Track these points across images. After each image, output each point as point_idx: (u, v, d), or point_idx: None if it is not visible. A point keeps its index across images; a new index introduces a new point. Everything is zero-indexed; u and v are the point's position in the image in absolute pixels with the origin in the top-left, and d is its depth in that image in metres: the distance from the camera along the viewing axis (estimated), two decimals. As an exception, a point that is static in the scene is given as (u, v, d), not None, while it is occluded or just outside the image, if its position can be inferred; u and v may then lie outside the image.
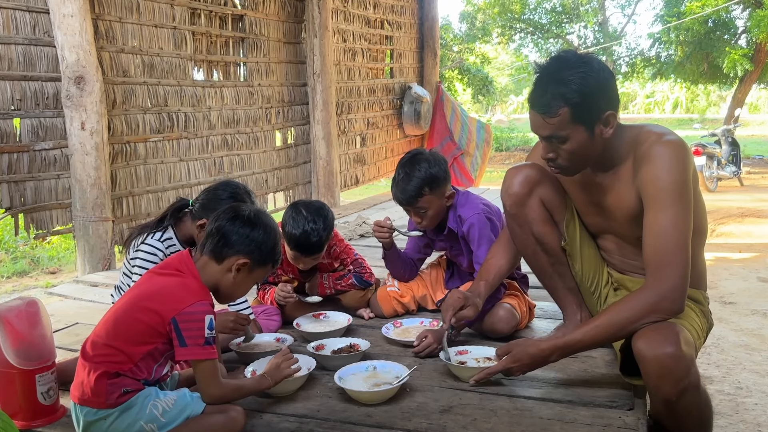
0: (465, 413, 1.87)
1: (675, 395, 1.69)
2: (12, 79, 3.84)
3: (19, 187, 3.92)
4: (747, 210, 8.62)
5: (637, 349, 1.72)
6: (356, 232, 4.80)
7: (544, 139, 1.88)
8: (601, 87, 1.79)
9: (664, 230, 1.75)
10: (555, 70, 1.82)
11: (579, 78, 1.77)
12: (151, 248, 2.28)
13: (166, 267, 1.81)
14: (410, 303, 2.80)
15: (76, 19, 3.88)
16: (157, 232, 2.34)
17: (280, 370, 1.91)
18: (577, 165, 1.92)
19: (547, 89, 1.80)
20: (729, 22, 15.08)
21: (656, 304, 1.74)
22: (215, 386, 1.74)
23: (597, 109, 1.80)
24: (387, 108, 8.21)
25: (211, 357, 1.71)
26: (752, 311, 4.37)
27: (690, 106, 30.98)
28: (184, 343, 1.68)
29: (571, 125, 1.80)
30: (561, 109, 1.78)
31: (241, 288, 1.86)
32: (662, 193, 1.76)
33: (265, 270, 1.88)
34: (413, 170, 2.47)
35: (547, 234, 2.16)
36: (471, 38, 18.37)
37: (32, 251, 6.31)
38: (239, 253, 1.78)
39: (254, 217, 1.83)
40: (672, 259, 1.74)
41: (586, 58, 1.83)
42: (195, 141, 5.15)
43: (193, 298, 1.70)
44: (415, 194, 2.46)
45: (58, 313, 3.09)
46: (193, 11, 5.10)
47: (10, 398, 1.90)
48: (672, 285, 1.74)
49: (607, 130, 1.83)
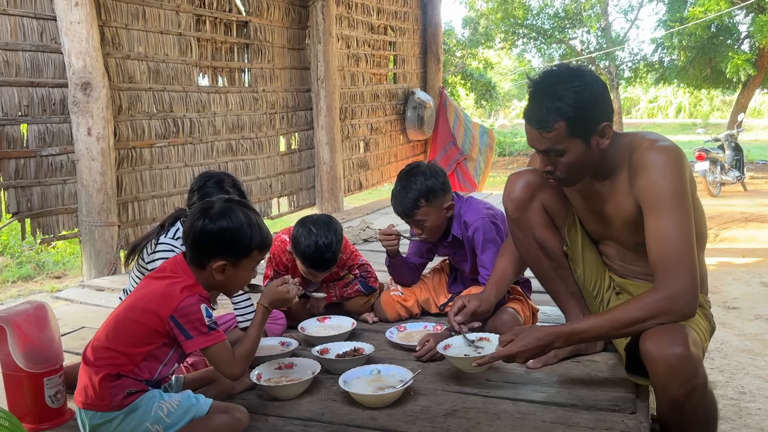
0: (468, 417, 1.89)
1: (682, 396, 1.71)
2: (19, 85, 3.88)
3: (26, 192, 3.95)
4: (750, 215, 8.61)
5: (646, 349, 1.73)
6: (360, 236, 4.82)
7: (542, 152, 1.90)
8: (595, 99, 1.81)
9: (668, 235, 1.75)
10: (549, 85, 1.84)
11: (573, 92, 1.79)
12: (167, 245, 2.32)
13: (162, 271, 1.83)
14: (414, 307, 2.81)
15: (83, 25, 3.92)
16: (170, 230, 2.37)
17: (279, 292, 1.94)
18: (575, 176, 1.94)
19: (542, 104, 1.82)
20: (732, 27, 15.07)
21: (668, 307, 1.73)
22: (233, 365, 1.78)
23: (593, 122, 1.82)
24: (390, 113, 8.23)
25: (220, 340, 1.75)
26: (756, 316, 4.37)
27: (693, 110, 30.96)
28: (188, 335, 1.71)
29: (567, 139, 1.82)
30: (557, 123, 1.81)
31: (236, 281, 1.86)
32: (661, 200, 1.77)
33: (253, 258, 1.84)
34: (410, 183, 2.50)
35: (549, 238, 2.17)
36: (474, 43, 18.39)
37: (37, 256, 6.34)
38: (213, 257, 1.79)
39: (216, 216, 1.79)
40: (680, 262, 1.74)
41: (578, 72, 1.85)
42: (200, 146, 5.19)
43: (184, 293, 1.73)
44: (411, 206, 2.50)
45: (64, 317, 3.12)
46: (198, 18, 5.14)
47: (18, 401, 1.92)
48: (684, 288, 1.73)
49: (604, 141, 1.85)
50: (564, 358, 2.25)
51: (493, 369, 2.22)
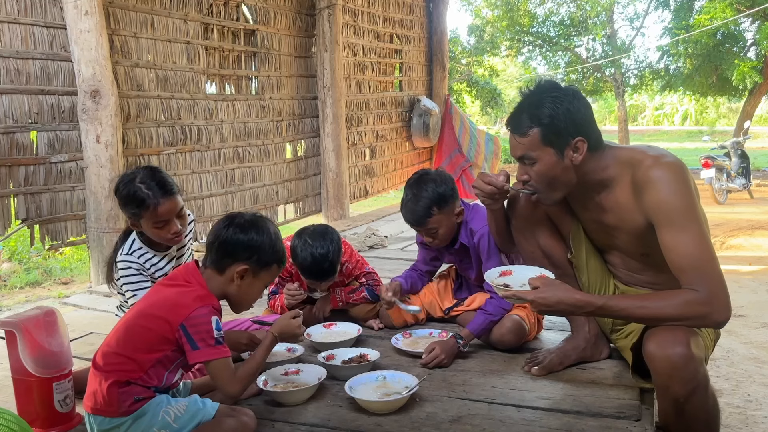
0: (474, 423, 1.89)
1: (684, 395, 1.72)
2: (30, 93, 3.93)
3: (35, 198, 3.99)
4: (757, 222, 8.57)
5: (648, 349, 1.75)
6: (365, 243, 4.83)
7: (518, 160, 1.96)
8: (571, 113, 1.86)
9: (691, 248, 1.75)
10: (532, 95, 1.93)
11: (551, 101, 1.87)
12: (124, 263, 2.33)
13: (174, 278, 1.85)
14: (419, 313, 2.82)
15: (93, 34, 3.97)
16: (124, 246, 2.37)
17: (290, 326, 1.96)
18: (549, 189, 1.96)
19: (522, 111, 1.92)
20: (738, 34, 15.05)
21: (707, 313, 1.72)
22: (233, 382, 1.78)
23: (566, 134, 1.87)
24: (396, 120, 8.26)
25: (224, 355, 1.75)
26: (762, 324, 4.35)
27: (699, 118, 30.89)
28: (195, 346, 1.71)
29: (540, 146, 1.89)
30: (531, 129, 1.89)
31: (250, 294, 1.88)
32: (676, 216, 1.77)
33: (271, 271, 1.89)
34: (420, 191, 2.49)
35: (554, 246, 2.19)
36: (479, 51, 18.44)
37: (45, 262, 6.38)
38: (238, 260, 1.81)
39: (247, 223, 1.85)
40: (712, 270, 1.74)
41: (563, 87, 1.92)
42: (207, 153, 5.22)
43: (197, 302, 1.74)
44: (424, 214, 2.49)
45: (72, 322, 3.14)
46: (206, 26, 5.19)
47: (27, 406, 1.95)
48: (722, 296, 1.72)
49: (577, 157, 1.89)
50: (569, 365, 2.25)
51: (498, 376, 2.23)
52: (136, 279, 2.31)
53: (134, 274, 2.31)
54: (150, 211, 2.23)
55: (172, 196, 2.27)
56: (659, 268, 1.88)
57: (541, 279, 1.92)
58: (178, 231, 2.30)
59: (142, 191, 2.23)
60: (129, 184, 2.26)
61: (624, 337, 2.16)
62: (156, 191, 2.24)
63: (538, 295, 1.85)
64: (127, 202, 2.27)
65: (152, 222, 2.26)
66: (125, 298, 2.40)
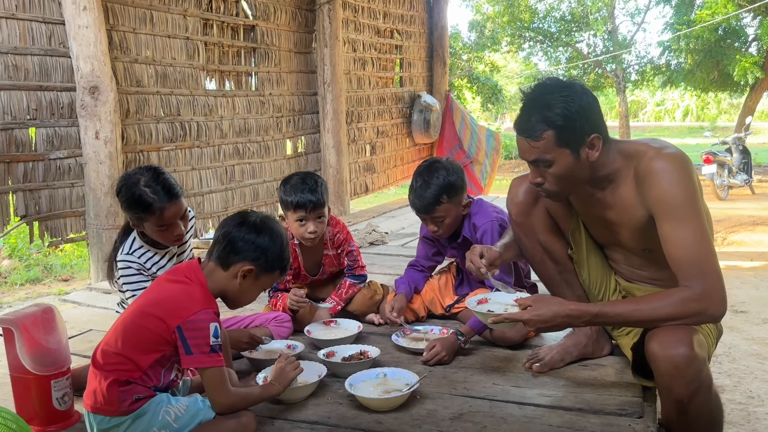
0: (475, 420, 1.88)
1: (686, 396, 1.71)
2: (28, 89, 3.91)
3: (34, 195, 3.98)
4: (758, 218, 8.57)
5: (651, 349, 1.73)
6: (366, 239, 4.82)
7: (531, 163, 1.89)
8: (584, 110, 1.81)
9: (690, 241, 1.74)
10: (538, 95, 1.85)
11: (562, 101, 1.80)
12: (124, 263, 2.30)
13: (175, 273, 1.83)
14: (420, 309, 2.81)
15: (91, 30, 3.95)
16: (124, 245, 2.34)
17: (286, 374, 1.92)
18: (564, 189, 1.93)
19: (531, 114, 1.83)
20: (739, 30, 15.03)
21: (703, 309, 1.72)
22: (223, 394, 1.74)
23: (581, 132, 1.82)
24: (396, 117, 8.24)
25: (218, 364, 1.72)
26: (764, 320, 4.34)
27: (700, 114, 30.86)
28: (189, 350, 1.69)
29: (555, 149, 1.82)
30: (545, 132, 1.81)
31: (247, 294, 1.87)
32: (676, 208, 1.76)
33: (272, 277, 1.88)
34: (431, 178, 2.47)
35: (554, 242, 2.17)
36: (480, 47, 18.42)
37: (45, 259, 6.38)
38: (245, 259, 1.79)
39: (260, 223, 1.84)
40: (708, 265, 1.73)
41: (568, 83, 1.86)
42: (207, 150, 5.21)
43: (197, 306, 1.72)
44: (433, 202, 2.47)
45: (71, 319, 3.13)
46: (205, 22, 5.17)
47: (26, 404, 1.94)
48: (717, 290, 1.72)
49: (593, 153, 1.84)
50: (570, 362, 2.24)
51: (499, 373, 2.22)
52: (135, 279, 2.29)
53: (134, 274, 2.29)
54: (156, 215, 2.20)
55: (177, 200, 2.23)
56: (661, 264, 1.86)
57: (532, 297, 1.92)
58: (182, 233, 2.28)
59: (148, 195, 2.19)
60: (133, 187, 2.21)
61: (625, 335, 2.15)
62: (162, 195, 2.20)
63: (533, 312, 1.85)
64: (131, 206, 2.23)
65: (156, 225, 2.23)
66: (126, 297, 2.38)
